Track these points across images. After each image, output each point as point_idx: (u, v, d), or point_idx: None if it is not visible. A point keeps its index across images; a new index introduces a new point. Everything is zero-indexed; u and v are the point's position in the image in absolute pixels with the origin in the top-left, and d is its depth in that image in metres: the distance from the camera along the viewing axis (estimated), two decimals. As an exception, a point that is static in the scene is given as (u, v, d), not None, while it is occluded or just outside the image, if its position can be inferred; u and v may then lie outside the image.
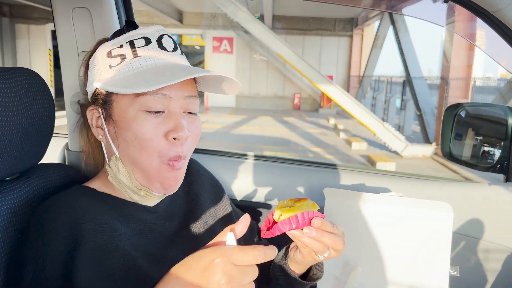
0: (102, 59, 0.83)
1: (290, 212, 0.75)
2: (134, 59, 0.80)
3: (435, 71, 31.81)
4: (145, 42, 0.82)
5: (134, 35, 0.83)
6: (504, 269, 1.19)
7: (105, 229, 0.75)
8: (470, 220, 1.20)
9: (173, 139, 0.79)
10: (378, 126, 10.43)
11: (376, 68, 16.43)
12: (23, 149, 0.83)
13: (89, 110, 0.85)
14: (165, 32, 0.86)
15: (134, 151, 0.79)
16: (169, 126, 0.79)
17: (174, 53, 0.85)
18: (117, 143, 0.82)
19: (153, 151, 0.79)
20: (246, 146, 10.04)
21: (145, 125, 0.78)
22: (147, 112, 0.78)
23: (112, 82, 0.79)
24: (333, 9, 16.69)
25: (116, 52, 0.82)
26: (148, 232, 0.84)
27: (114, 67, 0.81)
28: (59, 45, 1.20)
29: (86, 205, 0.77)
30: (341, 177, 1.31)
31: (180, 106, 0.81)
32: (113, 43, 0.84)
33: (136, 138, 0.78)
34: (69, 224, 0.72)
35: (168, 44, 0.84)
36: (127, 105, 0.79)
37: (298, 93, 18.79)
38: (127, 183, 0.83)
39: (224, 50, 18.59)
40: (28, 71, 0.86)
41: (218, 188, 1.10)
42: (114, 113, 0.81)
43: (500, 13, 0.93)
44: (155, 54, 0.81)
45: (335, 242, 0.75)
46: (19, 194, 0.83)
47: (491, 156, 1.24)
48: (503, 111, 1.19)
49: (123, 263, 0.73)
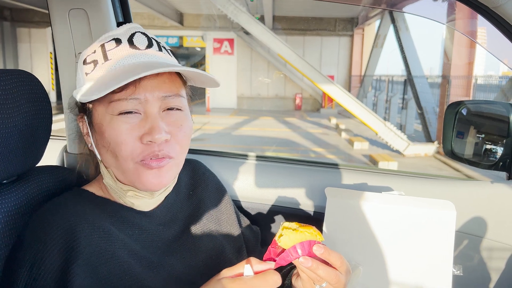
0: (80, 67, 0.82)
1: (296, 234, 0.74)
2: (105, 63, 0.77)
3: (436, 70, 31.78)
4: (116, 43, 0.79)
5: (104, 38, 0.81)
6: (507, 268, 1.18)
7: (101, 236, 0.74)
8: (473, 219, 1.19)
9: (149, 142, 0.75)
10: (379, 126, 10.42)
11: (377, 67, 16.42)
12: (19, 151, 0.82)
13: (78, 119, 0.85)
14: (139, 29, 0.82)
15: (110, 156, 0.78)
16: (144, 129, 0.75)
17: (147, 50, 0.80)
18: (99, 149, 0.80)
19: (127, 155, 0.76)
20: (248, 147, 10.04)
21: (118, 128, 0.75)
22: (121, 115, 0.75)
23: (85, 91, 0.78)
24: (334, 9, 16.69)
25: (90, 58, 0.80)
26: (145, 239, 0.83)
27: (89, 74, 0.79)
28: (56, 46, 1.20)
29: (82, 212, 0.76)
30: (343, 176, 1.30)
31: (159, 107, 0.78)
32: (89, 49, 0.82)
33: (111, 143, 0.76)
34: (64, 232, 0.71)
35: (140, 41, 0.80)
36: (102, 111, 0.77)
37: (300, 94, 18.78)
38: (112, 185, 0.82)
39: (225, 51, 18.61)
40: (25, 73, 0.85)
41: (222, 192, 1.08)
42: (94, 121, 0.80)
43: (500, 9, 0.93)
44: (125, 54, 0.78)
45: (328, 275, 0.72)
46: (17, 197, 0.82)
47: (493, 154, 1.23)
48: (505, 108, 1.18)
49: (119, 271, 0.72)
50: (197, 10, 18.05)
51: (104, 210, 0.81)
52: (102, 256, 0.72)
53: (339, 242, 1.13)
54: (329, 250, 0.73)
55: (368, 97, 16.30)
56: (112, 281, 0.70)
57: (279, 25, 17.86)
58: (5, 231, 0.78)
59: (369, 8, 15.31)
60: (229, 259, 0.94)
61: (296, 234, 0.73)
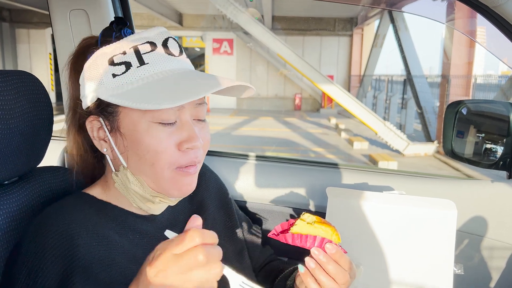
0: (102, 67, 0.76)
1: (309, 228, 0.73)
2: (141, 67, 0.75)
3: (436, 69, 31.79)
4: (151, 47, 0.76)
5: (137, 39, 0.76)
6: (508, 267, 1.18)
7: (101, 243, 0.73)
8: (474, 218, 1.19)
9: (187, 149, 0.76)
10: (379, 125, 10.42)
11: (376, 67, 16.44)
12: (21, 152, 0.82)
13: (88, 121, 0.79)
14: (169, 34, 0.80)
15: (145, 165, 0.75)
16: (182, 136, 0.76)
17: (180, 57, 0.79)
18: (126, 156, 0.77)
19: (165, 163, 0.75)
20: (248, 147, 10.04)
21: (158, 137, 0.74)
22: (160, 124, 0.74)
23: (121, 94, 0.73)
24: (333, 9, 16.69)
25: (119, 59, 0.75)
26: (147, 243, 0.81)
27: (119, 76, 0.74)
28: (56, 47, 1.20)
29: (82, 218, 0.75)
30: (344, 176, 1.30)
31: (191, 114, 0.78)
32: (113, 48, 0.76)
33: (149, 151, 0.74)
34: (64, 240, 0.69)
35: (174, 47, 0.79)
36: (138, 117, 0.74)
37: (299, 94, 18.79)
38: (139, 192, 0.79)
39: (224, 51, 18.61)
40: (26, 73, 0.85)
41: (223, 192, 1.07)
42: (121, 125, 0.76)
43: (500, 8, 0.93)
44: (162, 60, 0.76)
45: (337, 273, 0.72)
46: (18, 198, 0.82)
47: (494, 153, 1.23)
48: (504, 107, 1.18)
49: (119, 277, 0.71)
50: (197, 11, 18.06)
51: (104, 215, 0.79)
52: (102, 263, 0.71)
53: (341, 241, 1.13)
54: (341, 252, 0.73)
55: (367, 97, 16.30)
56: None
57: (279, 25, 17.87)
58: (7, 231, 0.78)
59: (369, 7, 15.31)
60: (230, 261, 0.93)
61: (309, 227, 0.73)
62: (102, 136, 0.79)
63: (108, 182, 0.83)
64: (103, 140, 0.79)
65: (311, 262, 0.74)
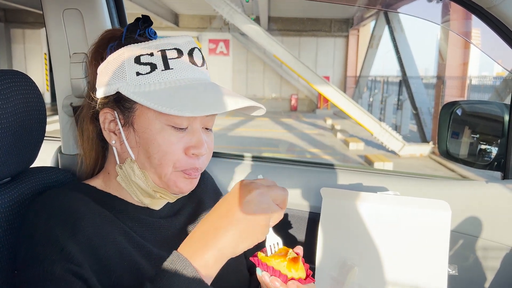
0: (128, 63, 0.78)
1: (278, 260, 0.77)
2: (166, 71, 0.78)
3: (431, 70, 31.90)
4: (177, 54, 0.79)
5: (165, 44, 0.79)
6: (502, 267, 1.18)
7: (103, 220, 0.76)
8: (468, 218, 1.20)
9: (192, 154, 0.80)
10: (375, 126, 10.45)
11: (372, 68, 16.49)
12: (13, 152, 0.81)
13: (102, 112, 0.82)
14: (196, 45, 0.83)
15: (152, 162, 0.79)
16: (191, 142, 0.80)
17: (202, 68, 0.83)
18: (136, 151, 0.80)
19: (170, 162, 0.79)
20: (244, 148, 10.03)
21: (169, 139, 0.78)
22: (172, 127, 0.78)
23: (143, 93, 0.76)
24: (329, 10, 16.73)
25: (146, 59, 0.78)
26: (145, 231, 0.84)
27: (142, 76, 0.77)
28: (50, 47, 1.19)
29: (85, 198, 0.77)
30: (338, 176, 1.30)
31: (201, 122, 0.82)
32: (141, 48, 0.79)
33: (159, 151, 0.78)
34: (67, 213, 0.72)
35: (198, 58, 0.82)
36: (153, 117, 0.78)
37: (295, 94, 18.81)
38: (142, 185, 0.82)
39: (221, 52, 18.61)
40: (19, 73, 0.84)
41: (219, 193, 1.09)
42: (136, 122, 0.79)
43: (495, 9, 0.93)
44: (186, 68, 0.79)
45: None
46: (10, 198, 0.81)
47: (488, 154, 1.23)
48: (499, 108, 1.18)
49: (118, 256, 0.73)
50: (193, 11, 18.04)
51: (105, 202, 0.82)
52: (103, 238, 0.73)
53: (335, 242, 1.13)
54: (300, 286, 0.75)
55: (363, 98, 16.34)
56: (111, 264, 0.72)
57: (275, 26, 17.89)
58: (1, 231, 0.77)
59: (364, 9, 15.35)
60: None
61: (271, 261, 0.77)
62: (113, 128, 0.82)
63: (110, 174, 0.86)
64: (113, 132, 0.83)
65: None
